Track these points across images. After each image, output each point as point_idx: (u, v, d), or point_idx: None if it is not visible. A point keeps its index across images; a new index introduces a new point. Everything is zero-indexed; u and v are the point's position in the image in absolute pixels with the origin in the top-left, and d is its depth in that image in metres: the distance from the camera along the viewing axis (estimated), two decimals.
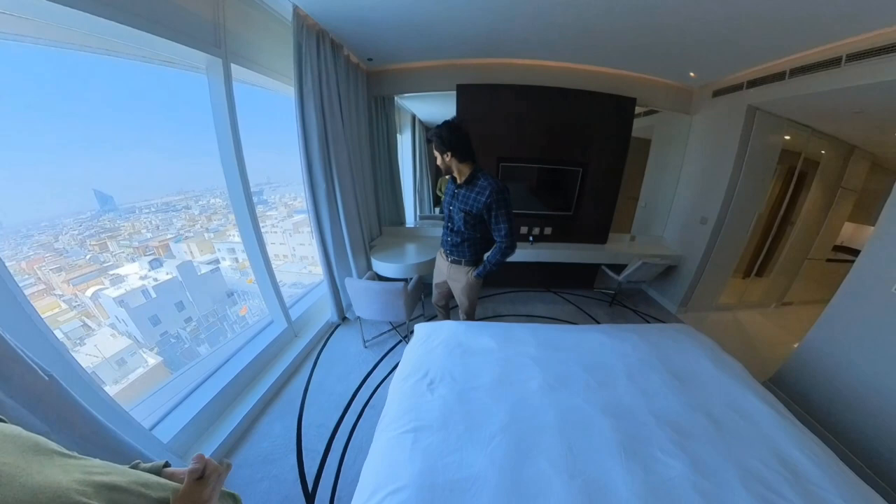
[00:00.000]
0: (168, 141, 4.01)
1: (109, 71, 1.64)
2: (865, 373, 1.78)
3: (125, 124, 3.27)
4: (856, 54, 1.73)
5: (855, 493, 1.02)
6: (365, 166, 2.73)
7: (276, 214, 5.13)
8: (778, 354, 2.55)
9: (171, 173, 4.34)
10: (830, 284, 2.08)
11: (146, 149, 3.35)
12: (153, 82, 2.11)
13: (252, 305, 4.20)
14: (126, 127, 3.19)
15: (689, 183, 3.19)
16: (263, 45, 1.88)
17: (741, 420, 1.31)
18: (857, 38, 1.72)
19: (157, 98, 2.62)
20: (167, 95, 2.50)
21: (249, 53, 1.77)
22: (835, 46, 1.83)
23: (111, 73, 1.73)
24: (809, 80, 2.01)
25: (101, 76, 1.93)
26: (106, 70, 1.63)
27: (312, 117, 1.95)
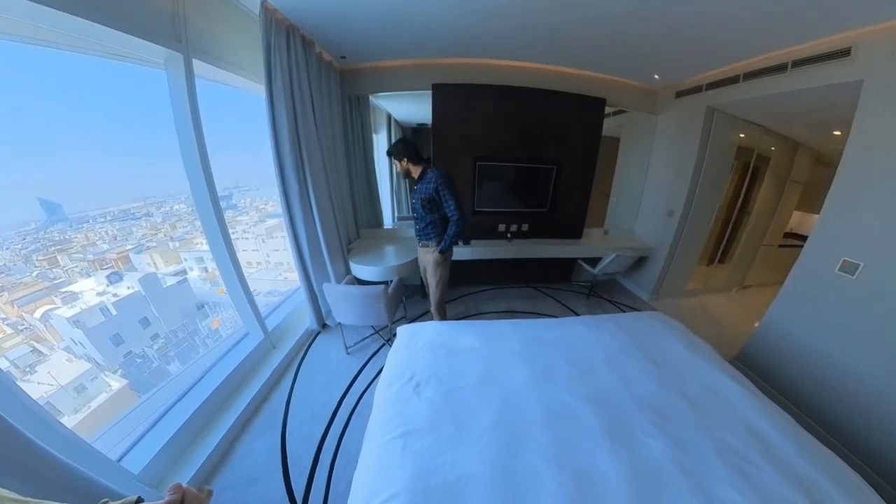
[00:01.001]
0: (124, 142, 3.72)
1: (51, 64, 1.49)
2: (816, 345, 1.96)
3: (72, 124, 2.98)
4: (799, 61, 1.93)
5: (814, 454, 1.14)
6: (340, 167, 2.66)
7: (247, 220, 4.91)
8: (741, 334, 2.73)
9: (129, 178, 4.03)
10: (783, 268, 2.26)
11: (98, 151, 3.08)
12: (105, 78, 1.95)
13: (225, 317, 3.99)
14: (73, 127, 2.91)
15: (656, 178, 3.36)
16: (229, 40, 1.79)
17: (713, 397, 1.39)
18: (801, 47, 1.91)
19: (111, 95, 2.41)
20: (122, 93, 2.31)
21: (214, 49, 1.67)
22: (782, 54, 2.01)
23: (54, 67, 1.57)
24: (760, 83, 2.20)
25: (41, 70, 1.75)
26: (47, 63, 1.49)
27: (283, 117, 1.88)
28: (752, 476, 1.04)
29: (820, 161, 3.61)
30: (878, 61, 1.64)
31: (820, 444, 1.21)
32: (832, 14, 1.59)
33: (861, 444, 1.71)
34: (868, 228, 1.74)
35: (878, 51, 1.64)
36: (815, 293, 1.98)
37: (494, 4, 1.75)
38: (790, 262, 2.13)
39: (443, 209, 2.03)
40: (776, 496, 0.98)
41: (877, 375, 1.70)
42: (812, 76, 1.91)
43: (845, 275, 1.81)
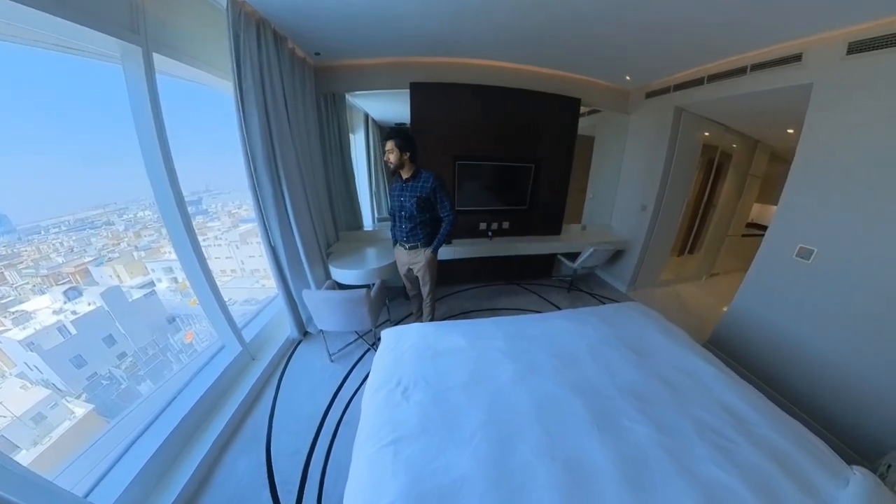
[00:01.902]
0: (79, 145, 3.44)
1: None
2: (779, 325, 2.11)
3: (17, 124, 2.71)
4: (757, 65, 2.08)
5: (782, 425, 1.23)
6: (316, 168, 2.58)
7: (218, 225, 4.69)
8: (712, 318, 2.88)
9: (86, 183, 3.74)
10: (747, 256, 2.42)
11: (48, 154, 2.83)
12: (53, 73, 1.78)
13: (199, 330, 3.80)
14: (18, 127, 2.64)
15: (630, 175, 3.50)
16: (194, 33, 1.68)
17: (690, 380, 1.46)
18: (759, 52, 2.06)
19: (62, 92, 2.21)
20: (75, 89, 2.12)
21: (177, 43, 1.57)
22: (742, 58, 2.16)
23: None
24: (722, 85, 2.35)
25: None
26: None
27: (255, 116, 1.79)
28: (730, 451, 1.10)
29: (776, 157, 3.88)
30: (826, 66, 1.79)
31: (786, 415, 1.31)
32: (786, 22, 1.72)
33: (820, 411, 1.86)
34: (820, 217, 1.89)
35: (827, 57, 1.79)
36: (776, 278, 2.13)
37: (466, 5, 1.75)
38: (753, 250, 2.28)
39: (435, 209, 2.07)
40: (752, 468, 1.05)
41: (832, 348, 1.85)
42: (768, 79, 2.06)
43: (802, 260, 1.97)
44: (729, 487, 0.98)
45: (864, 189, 1.70)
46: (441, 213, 2.08)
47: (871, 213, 1.68)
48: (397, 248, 2.28)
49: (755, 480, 1.00)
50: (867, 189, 1.69)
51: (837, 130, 1.80)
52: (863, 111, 1.69)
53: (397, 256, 2.33)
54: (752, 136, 3.57)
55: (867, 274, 1.70)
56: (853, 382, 1.76)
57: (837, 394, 1.82)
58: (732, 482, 0.99)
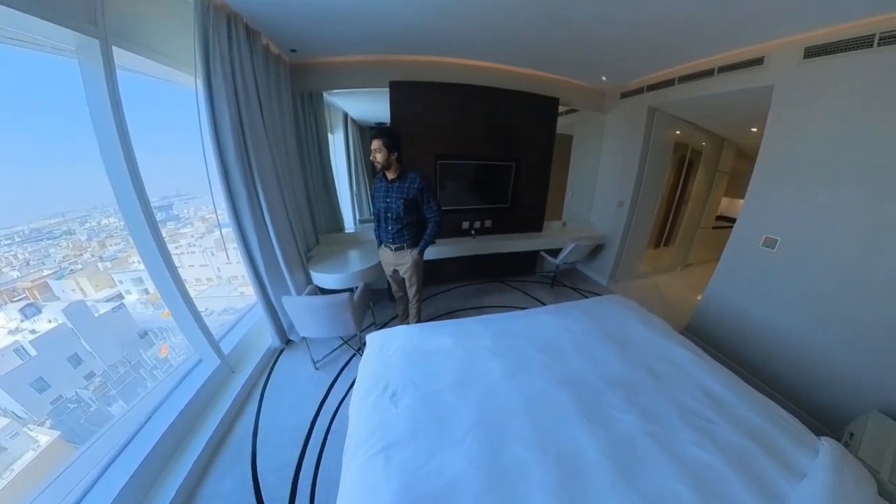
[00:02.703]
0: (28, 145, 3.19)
1: None
2: (749, 310, 2.24)
3: None
4: (724, 67, 2.20)
5: (756, 404, 1.31)
6: (293, 170, 2.50)
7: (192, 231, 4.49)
8: (688, 307, 3.01)
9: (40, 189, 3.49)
10: (717, 247, 2.56)
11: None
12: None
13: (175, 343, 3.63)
14: None
15: (607, 172, 3.62)
16: (159, 26, 1.58)
17: (670, 367, 1.52)
18: (726, 55, 2.18)
19: (3, 87, 2.01)
20: (20, 84, 1.94)
21: (139, 36, 1.47)
22: (710, 60, 2.28)
23: None
24: (692, 86, 2.48)
25: None
26: None
27: (226, 115, 1.71)
28: (711, 432, 1.16)
29: (742, 154, 4.13)
30: (786, 69, 1.92)
31: (760, 394, 1.39)
32: (749, 26, 1.82)
33: (789, 388, 1.99)
34: (783, 209, 2.02)
35: (786, 60, 1.91)
36: (744, 266, 2.25)
37: (441, 3, 1.74)
38: (723, 241, 2.41)
39: (421, 210, 2.06)
40: (732, 446, 1.10)
41: (796, 330, 1.98)
42: (734, 81, 2.19)
43: (768, 249, 2.10)
44: (712, 467, 1.03)
45: (820, 183, 1.84)
46: (427, 214, 2.06)
47: (827, 205, 1.81)
48: (382, 249, 2.24)
49: (735, 458, 1.06)
50: (823, 183, 1.82)
51: (796, 129, 1.93)
52: (818, 111, 1.82)
53: (382, 258, 2.29)
54: (719, 134, 3.77)
55: (824, 260, 1.84)
56: (816, 359, 1.89)
57: (803, 371, 1.95)
58: (715, 461, 1.04)
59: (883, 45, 1.53)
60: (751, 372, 2.16)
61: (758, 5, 1.60)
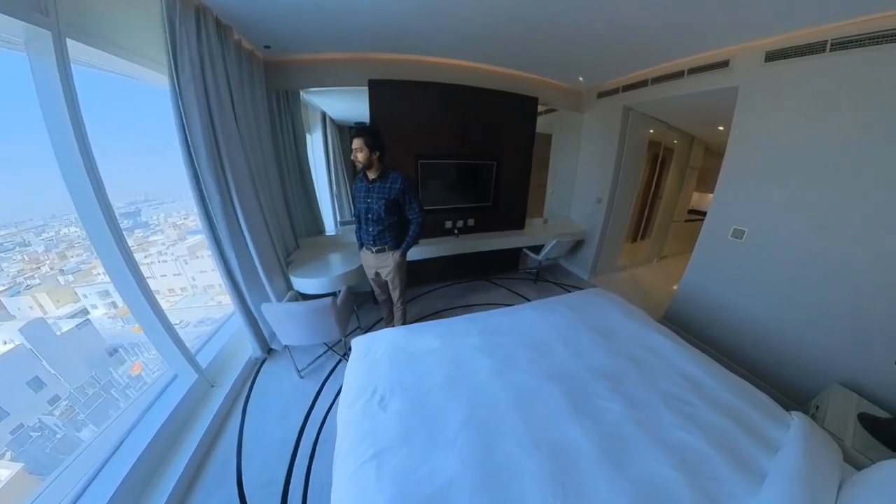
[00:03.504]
0: None
1: None
2: (722, 297, 2.36)
3: None
4: (693, 69, 2.32)
5: (732, 385, 1.38)
6: (269, 171, 2.40)
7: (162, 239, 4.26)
8: (665, 297, 3.13)
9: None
10: (690, 239, 2.67)
11: None
12: None
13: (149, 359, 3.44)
14: None
15: (585, 170, 3.72)
16: (121, 18, 1.46)
17: (651, 355, 1.58)
18: (694, 58, 2.30)
19: None
20: None
21: (97, 28, 1.36)
22: (680, 63, 2.39)
23: None
24: (664, 87, 2.59)
25: None
26: None
27: (195, 115, 1.62)
28: (692, 415, 1.21)
29: (710, 151, 4.36)
30: (749, 72, 2.04)
31: (735, 375, 1.47)
32: (715, 30, 1.93)
33: (761, 368, 2.12)
34: (749, 202, 2.14)
35: (749, 63, 2.03)
36: (716, 256, 2.38)
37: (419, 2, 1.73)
38: (695, 233, 2.53)
39: (403, 211, 2.01)
40: (713, 426, 1.16)
41: (764, 313, 2.11)
42: (702, 82, 2.31)
43: (736, 240, 2.22)
44: (696, 448, 1.07)
45: (780, 177, 1.97)
46: (409, 215, 2.02)
47: (787, 197, 1.95)
48: (363, 251, 2.20)
49: (716, 437, 1.11)
50: (782, 177, 1.96)
51: (759, 128, 2.06)
52: (777, 111, 1.95)
53: (364, 261, 2.25)
54: (690, 132, 3.96)
55: (786, 247, 1.97)
56: (782, 340, 2.02)
57: (772, 351, 2.07)
58: (698, 443, 1.09)
59: (834, 50, 1.66)
60: (725, 355, 2.28)
61: (721, 12, 1.69)
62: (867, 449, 1.34)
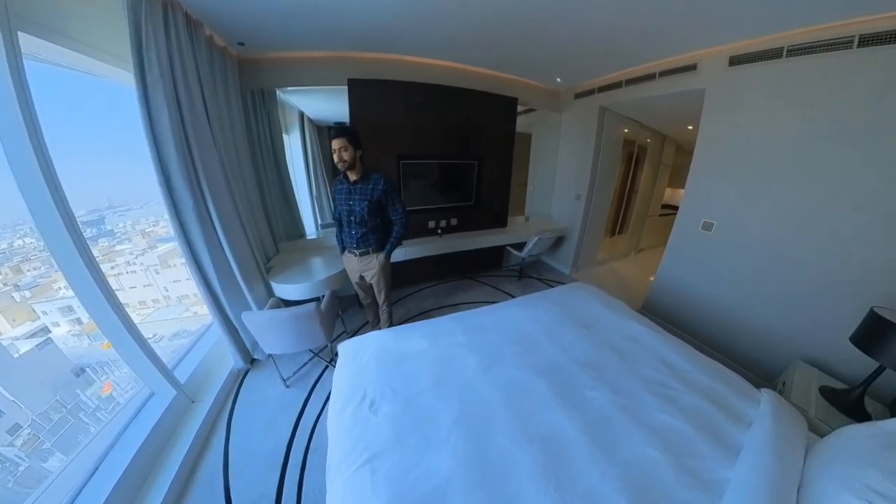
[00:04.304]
0: None
1: None
2: (695, 286, 2.49)
3: None
4: (664, 72, 2.44)
5: (707, 368, 1.47)
6: (246, 174, 2.32)
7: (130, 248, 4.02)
8: (643, 288, 3.26)
9: None
10: (664, 232, 2.81)
11: None
12: None
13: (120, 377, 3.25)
14: None
15: (564, 168, 3.82)
16: (79, 11, 1.37)
17: (632, 344, 1.64)
18: (665, 61, 2.40)
19: None
20: None
21: (53, 21, 1.27)
22: (652, 65, 2.50)
23: None
24: (638, 88, 2.70)
25: None
26: None
27: (164, 115, 1.54)
28: (672, 398, 1.27)
29: (681, 149, 4.59)
30: (715, 75, 2.17)
31: (709, 359, 1.56)
32: (683, 36, 2.04)
33: (732, 350, 2.26)
34: (717, 196, 2.28)
35: (714, 67, 2.16)
36: (688, 247, 2.51)
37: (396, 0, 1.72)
38: (669, 227, 2.65)
39: (386, 212, 1.99)
40: (691, 406, 1.23)
41: (734, 299, 2.24)
42: (672, 84, 2.43)
43: (706, 232, 2.36)
44: (677, 429, 1.13)
45: (744, 173, 2.11)
46: (392, 216, 2.00)
47: (750, 192, 2.09)
48: (346, 255, 2.16)
49: (695, 418, 1.18)
50: (747, 173, 2.10)
51: (724, 127, 2.20)
52: (740, 111, 2.09)
53: (347, 265, 2.21)
54: (661, 132, 4.16)
55: (751, 238, 2.11)
56: (751, 323, 2.16)
57: (742, 334, 2.21)
58: (679, 424, 1.15)
59: (790, 56, 1.79)
60: (700, 340, 2.40)
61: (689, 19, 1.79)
62: (828, 418, 1.45)
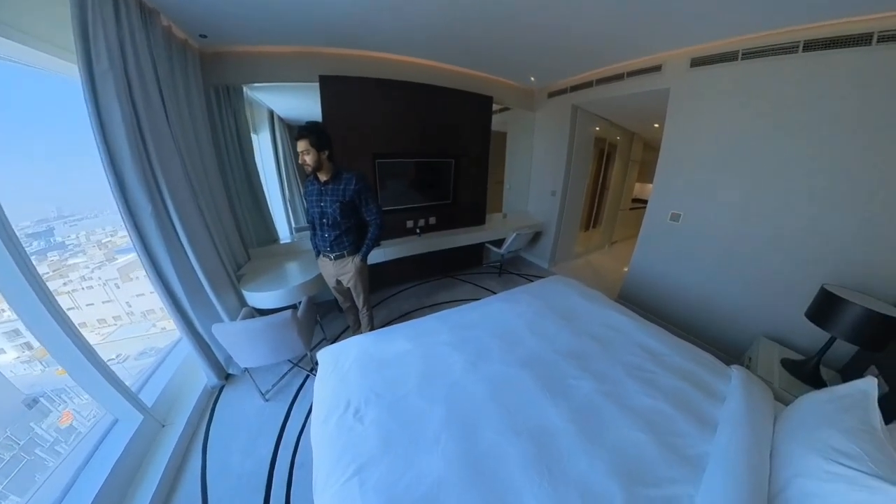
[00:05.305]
0: None
1: None
2: (665, 273, 2.62)
3: None
4: (632, 72, 2.54)
5: (681, 350, 1.55)
6: (211, 176, 2.16)
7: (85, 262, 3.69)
8: (618, 278, 3.38)
9: None
10: (636, 224, 2.95)
11: None
12: None
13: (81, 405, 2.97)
14: None
15: (540, 165, 3.91)
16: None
17: (612, 332, 1.70)
18: (633, 62, 2.51)
19: None
20: None
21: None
22: (621, 66, 2.60)
23: None
24: (607, 88, 2.80)
25: None
26: None
27: (116, 112, 1.40)
28: (653, 381, 1.33)
29: (649, 146, 4.83)
30: (678, 76, 2.30)
31: (684, 341, 1.64)
32: (650, 38, 2.16)
33: (704, 331, 2.41)
34: (682, 190, 2.43)
35: (678, 68, 2.28)
36: (658, 238, 2.64)
37: None
38: (639, 219, 2.78)
39: (360, 213, 1.92)
40: (670, 387, 1.29)
41: (702, 284, 2.39)
42: (639, 84, 2.54)
43: (674, 222, 2.50)
44: (659, 410, 1.18)
45: (706, 167, 2.26)
46: (367, 217, 1.93)
47: (712, 185, 2.24)
48: (321, 259, 2.08)
49: (675, 398, 1.24)
50: (708, 167, 2.25)
51: (687, 125, 2.34)
52: (701, 110, 2.23)
53: (323, 269, 2.13)
54: (630, 129, 4.36)
55: (714, 227, 2.27)
56: (718, 307, 2.31)
57: (710, 316, 2.36)
58: (660, 405, 1.20)
59: (745, 58, 1.93)
60: (674, 324, 2.52)
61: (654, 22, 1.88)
62: (790, 387, 1.58)
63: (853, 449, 0.85)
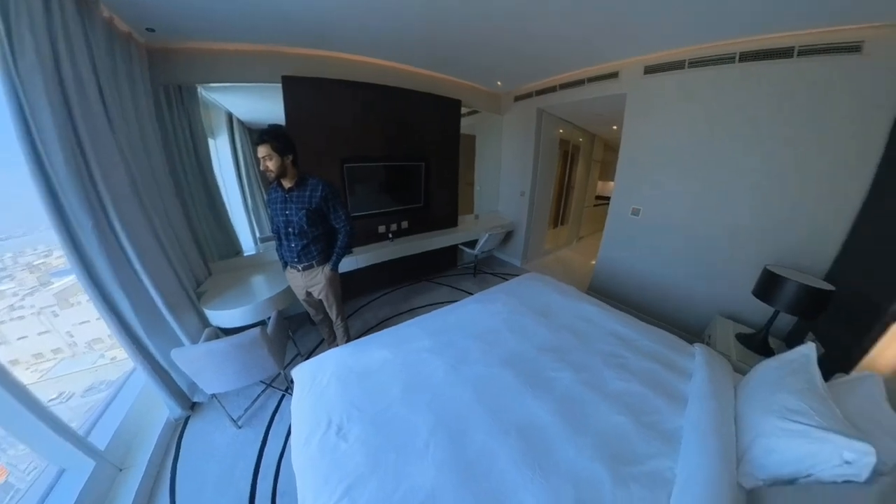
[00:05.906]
0: None
1: None
2: (630, 264, 2.81)
3: None
4: (591, 78, 2.71)
5: (649, 334, 1.67)
6: (162, 184, 1.98)
7: (14, 288, 3.25)
8: (587, 271, 3.55)
9: None
10: (600, 220, 3.15)
11: None
12: None
13: (17, 456, 2.63)
14: None
15: (508, 167, 4.02)
16: None
17: (585, 323, 1.77)
18: (591, 69, 2.68)
19: None
20: None
21: None
22: (581, 72, 2.78)
23: None
24: (570, 92, 2.96)
25: None
26: None
27: (46, 113, 1.25)
28: (626, 366, 1.41)
29: (609, 147, 5.20)
30: (634, 82, 2.48)
31: (650, 325, 1.77)
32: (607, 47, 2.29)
33: (668, 316, 2.60)
34: (641, 186, 2.62)
35: (633, 75, 2.47)
36: (621, 232, 2.83)
37: None
38: (603, 215, 2.97)
39: (328, 221, 1.84)
40: (643, 370, 1.38)
41: (663, 273, 2.58)
42: (599, 89, 2.72)
43: (635, 217, 2.69)
44: (635, 392, 1.25)
45: (660, 165, 2.47)
46: (335, 224, 1.85)
47: (666, 181, 2.45)
48: (289, 270, 1.97)
49: (648, 379, 1.32)
50: (662, 165, 2.46)
51: (642, 127, 2.53)
52: (654, 114, 2.43)
53: (291, 281, 2.02)
54: (592, 131, 4.64)
55: (671, 219, 2.47)
56: (678, 292, 2.51)
57: (672, 301, 2.56)
58: (635, 387, 1.27)
59: (691, 67, 2.14)
60: (640, 310, 2.70)
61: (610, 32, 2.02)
62: (745, 359, 1.74)
63: (802, 406, 0.95)
